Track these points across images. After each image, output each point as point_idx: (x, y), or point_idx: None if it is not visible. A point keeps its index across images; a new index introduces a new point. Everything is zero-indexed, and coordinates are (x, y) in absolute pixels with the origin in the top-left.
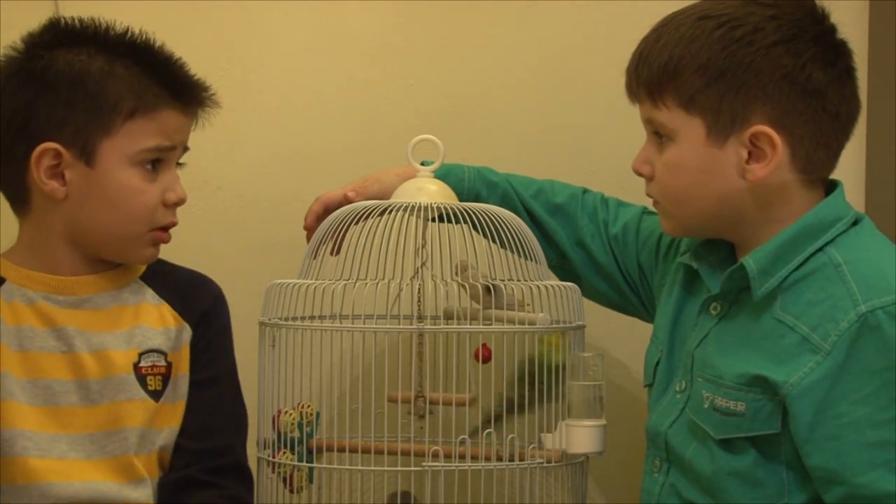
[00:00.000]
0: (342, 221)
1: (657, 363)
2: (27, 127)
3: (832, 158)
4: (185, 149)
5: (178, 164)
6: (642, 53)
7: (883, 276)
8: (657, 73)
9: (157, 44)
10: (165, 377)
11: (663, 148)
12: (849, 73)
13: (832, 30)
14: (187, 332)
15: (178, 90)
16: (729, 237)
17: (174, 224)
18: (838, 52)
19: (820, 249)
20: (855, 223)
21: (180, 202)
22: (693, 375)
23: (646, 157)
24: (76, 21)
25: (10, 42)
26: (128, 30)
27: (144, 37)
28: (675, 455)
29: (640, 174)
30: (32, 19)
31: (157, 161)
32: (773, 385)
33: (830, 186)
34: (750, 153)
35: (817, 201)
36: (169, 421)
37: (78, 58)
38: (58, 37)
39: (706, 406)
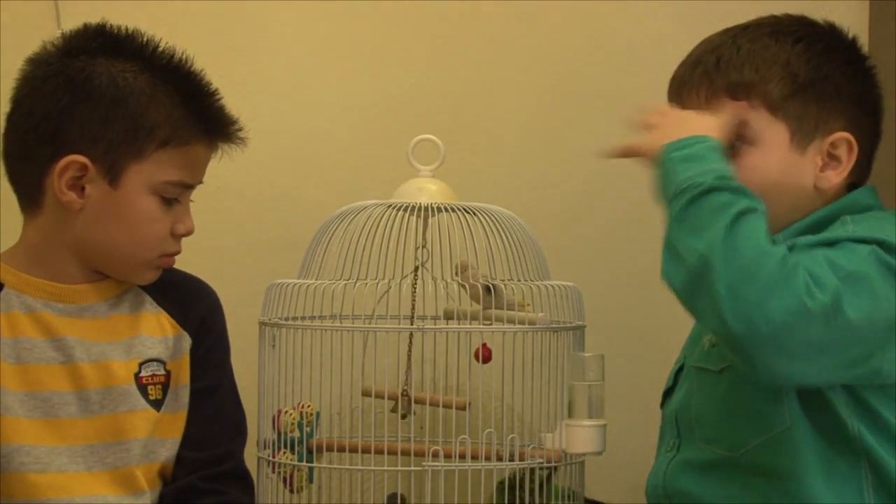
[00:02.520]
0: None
1: (679, 369)
2: (58, 133)
3: (868, 171)
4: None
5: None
6: (721, 58)
7: (882, 227)
8: (749, 76)
9: (197, 71)
10: (165, 386)
11: (739, 151)
12: (882, 99)
13: (867, 58)
14: (186, 341)
15: (213, 126)
16: None
17: (179, 253)
18: (876, 80)
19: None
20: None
21: (188, 234)
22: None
23: None
24: (121, 30)
25: (9, 41)
26: (172, 51)
27: (185, 61)
28: (684, 424)
29: None
30: (32, 19)
31: (174, 199)
32: None
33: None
34: (824, 162)
35: None
36: (172, 431)
37: (122, 74)
38: (104, 45)
39: (706, 348)
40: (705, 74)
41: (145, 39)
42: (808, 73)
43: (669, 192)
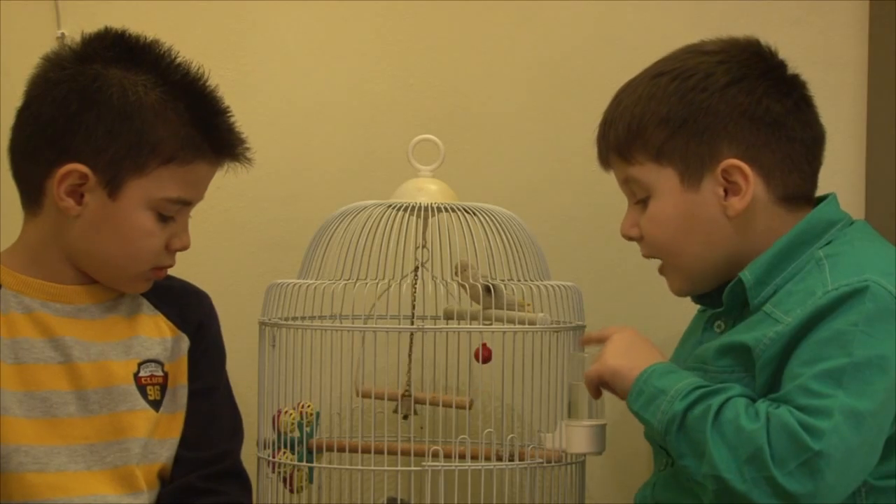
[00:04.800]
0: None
1: None
2: (63, 139)
3: (808, 180)
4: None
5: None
6: (606, 120)
7: (858, 263)
8: (623, 134)
9: (211, 88)
10: (163, 387)
11: (646, 206)
12: (805, 101)
13: (781, 65)
14: (185, 343)
15: (219, 145)
16: (732, 276)
17: (172, 266)
18: (791, 84)
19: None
20: (850, 225)
21: (184, 249)
22: None
23: (633, 220)
24: (139, 39)
25: (9, 41)
26: (188, 66)
27: (200, 77)
28: (670, 451)
29: (630, 238)
30: (32, 19)
31: (171, 216)
32: (741, 351)
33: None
34: (726, 190)
35: None
36: (170, 431)
37: (133, 87)
38: (119, 55)
39: None
40: (599, 140)
41: (162, 51)
42: (679, 111)
43: (660, 438)
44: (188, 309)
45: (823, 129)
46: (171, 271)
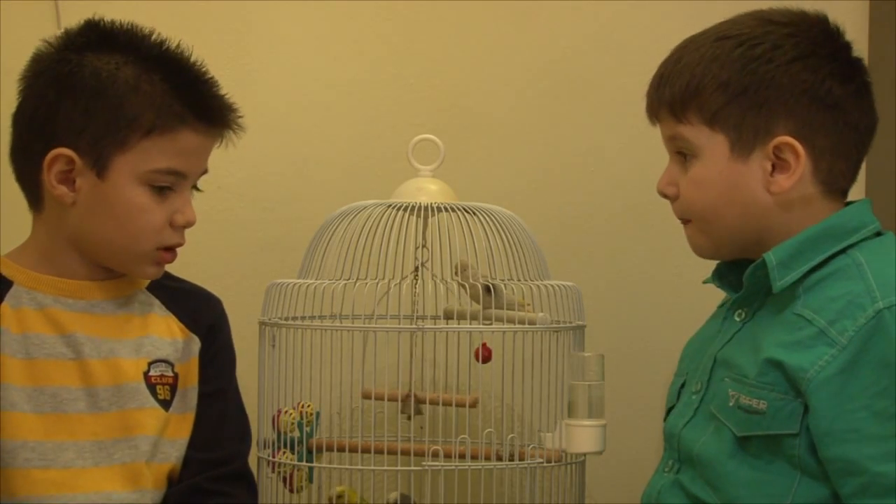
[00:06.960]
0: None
1: (682, 386)
2: (46, 128)
3: (852, 170)
4: (204, 171)
5: (195, 188)
6: (663, 75)
7: None
8: (680, 92)
9: (191, 59)
10: (173, 387)
11: (688, 166)
12: (866, 87)
13: (847, 47)
14: (196, 344)
15: (203, 111)
16: (755, 254)
17: (180, 244)
18: (854, 68)
19: (843, 251)
20: (879, 234)
21: (188, 225)
22: (712, 376)
23: (670, 177)
24: (114, 24)
25: (9, 41)
26: (164, 42)
27: (179, 51)
28: (685, 454)
29: (665, 195)
30: (32, 19)
31: (167, 188)
32: (790, 373)
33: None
34: (774, 165)
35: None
36: (180, 432)
37: (106, 67)
38: (91, 40)
39: (731, 404)
40: (652, 93)
41: (138, 33)
42: (741, 79)
43: None
44: (200, 311)
45: (877, 118)
46: (173, 272)
